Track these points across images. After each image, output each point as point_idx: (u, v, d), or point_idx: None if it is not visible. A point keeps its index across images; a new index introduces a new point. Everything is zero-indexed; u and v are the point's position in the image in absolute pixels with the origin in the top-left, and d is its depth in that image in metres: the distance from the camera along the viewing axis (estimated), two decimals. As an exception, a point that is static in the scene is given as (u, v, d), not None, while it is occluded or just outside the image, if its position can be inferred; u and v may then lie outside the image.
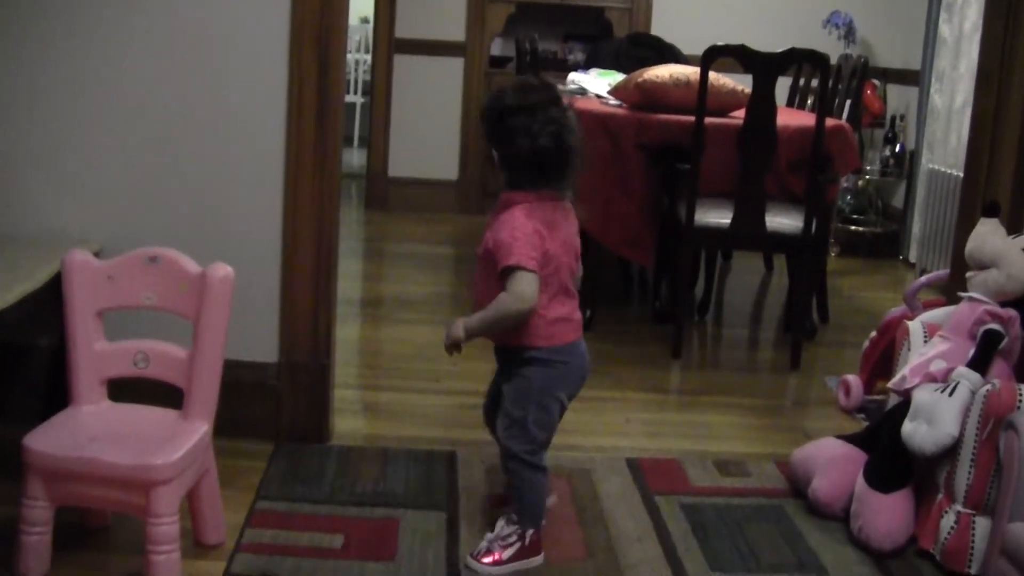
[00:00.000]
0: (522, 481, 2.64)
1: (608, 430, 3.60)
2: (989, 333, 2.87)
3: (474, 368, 4.13)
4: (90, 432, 2.47)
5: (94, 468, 2.35)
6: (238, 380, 3.11)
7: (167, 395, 2.58)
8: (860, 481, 2.91)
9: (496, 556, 2.64)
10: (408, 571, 2.60)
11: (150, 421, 2.56)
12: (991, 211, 3.11)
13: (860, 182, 7.02)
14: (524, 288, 2.54)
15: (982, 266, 3.01)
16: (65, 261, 2.58)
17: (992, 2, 3.56)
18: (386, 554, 2.67)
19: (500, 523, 2.69)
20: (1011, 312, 2.88)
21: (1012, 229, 3.19)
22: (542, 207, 2.61)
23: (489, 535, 2.68)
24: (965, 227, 3.37)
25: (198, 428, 2.51)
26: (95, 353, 2.59)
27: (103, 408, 2.60)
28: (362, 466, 3.16)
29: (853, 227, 6.93)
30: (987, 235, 3.04)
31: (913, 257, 6.56)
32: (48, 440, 2.41)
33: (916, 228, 6.55)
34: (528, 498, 2.66)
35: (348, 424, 3.46)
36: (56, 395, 2.68)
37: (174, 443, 2.42)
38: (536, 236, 2.56)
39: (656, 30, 7.16)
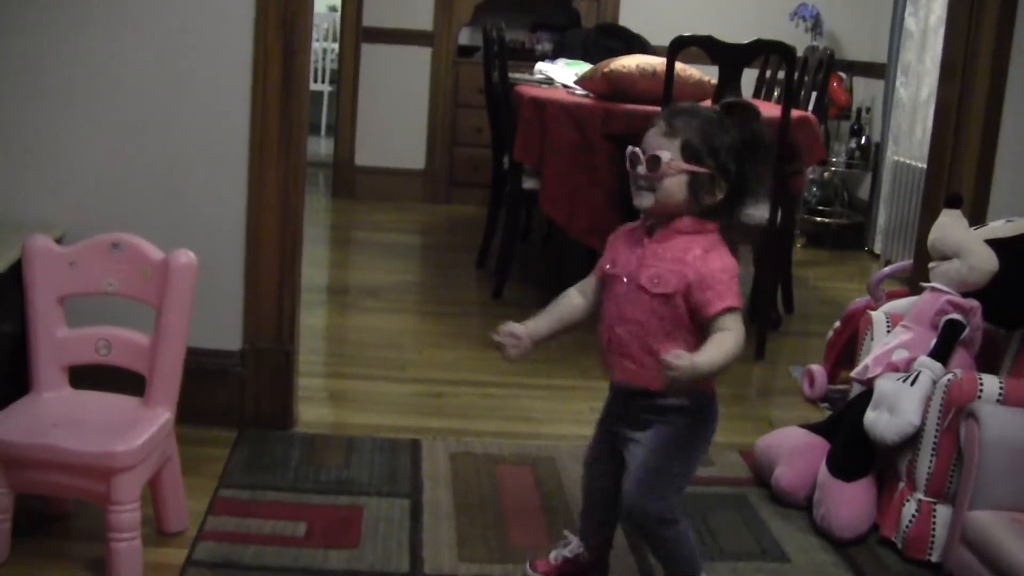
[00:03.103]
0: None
1: (572, 418, 3.60)
2: (951, 323, 2.89)
3: (438, 357, 4.15)
4: (51, 419, 2.46)
5: (55, 455, 2.33)
6: (202, 367, 3.10)
7: (129, 382, 2.56)
8: (823, 470, 2.93)
9: None
10: (371, 559, 2.59)
11: (111, 408, 2.54)
12: (953, 202, 3.12)
13: (826, 174, 7.05)
14: (743, 331, 2.20)
15: (944, 257, 3.02)
16: (26, 247, 2.56)
17: (956, -6, 3.58)
18: (349, 542, 2.66)
19: None
20: (972, 302, 2.90)
21: (974, 220, 3.21)
22: None
23: None
24: (928, 218, 3.39)
25: (160, 415, 2.49)
26: (56, 340, 2.57)
27: (64, 395, 2.59)
28: (326, 454, 3.15)
29: (819, 218, 6.96)
30: (949, 226, 3.05)
31: (878, 248, 6.60)
32: (9, 427, 2.39)
33: (881, 219, 6.58)
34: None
35: (313, 412, 3.45)
36: (17, 382, 2.66)
37: (136, 430, 2.40)
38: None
39: (624, 20, 7.18)
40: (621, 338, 2.27)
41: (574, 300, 2.40)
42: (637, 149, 2.23)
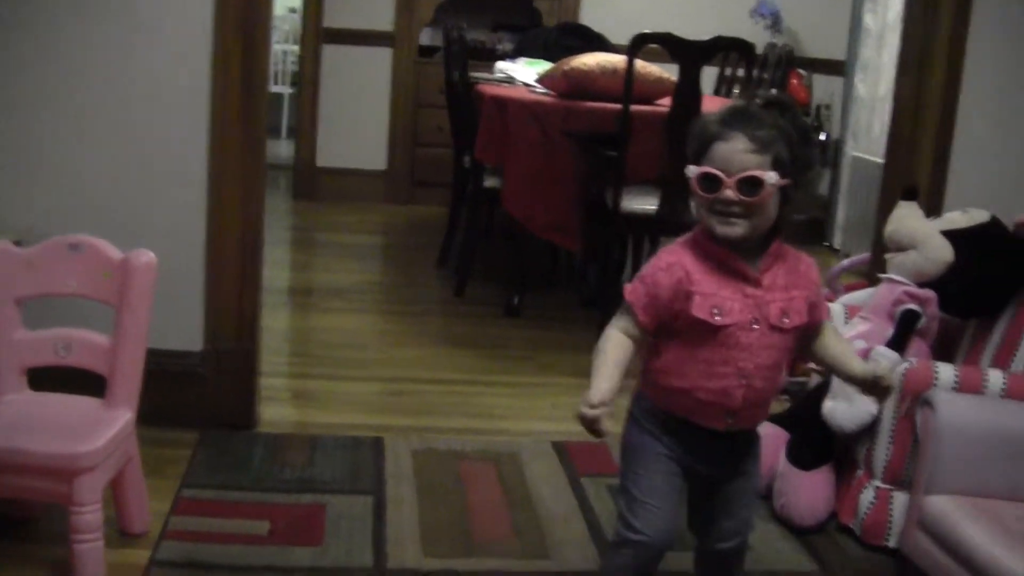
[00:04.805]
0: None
1: (535, 415, 3.62)
2: (907, 313, 2.92)
3: (401, 355, 4.16)
4: (11, 422, 2.44)
5: (16, 458, 2.32)
6: (163, 369, 3.09)
7: (90, 383, 2.55)
8: (782, 459, 2.96)
9: None
10: (335, 555, 2.60)
11: (72, 409, 2.53)
12: (910, 194, 3.16)
13: (786, 170, 7.08)
14: None
15: (901, 248, 3.05)
16: (-17, 249, 2.55)
17: (912, -9, 3.61)
18: (313, 539, 2.66)
19: None
20: (928, 293, 2.94)
21: (931, 212, 3.24)
22: None
23: None
24: (886, 211, 3.41)
25: (121, 416, 2.49)
26: (14, 342, 2.55)
27: (24, 397, 2.57)
28: (289, 453, 3.15)
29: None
30: (905, 217, 3.09)
31: (838, 243, 6.65)
32: (-32, 429, 2.38)
33: (841, 215, 6.63)
34: None
35: (276, 412, 3.45)
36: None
37: (97, 431, 2.40)
38: None
39: (585, 20, 7.20)
40: (759, 389, 2.07)
41: (628, 346, 2.07)
42: (717, 171, 1.98)
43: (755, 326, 2.02)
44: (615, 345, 2.07)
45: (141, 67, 3.11)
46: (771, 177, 1.96)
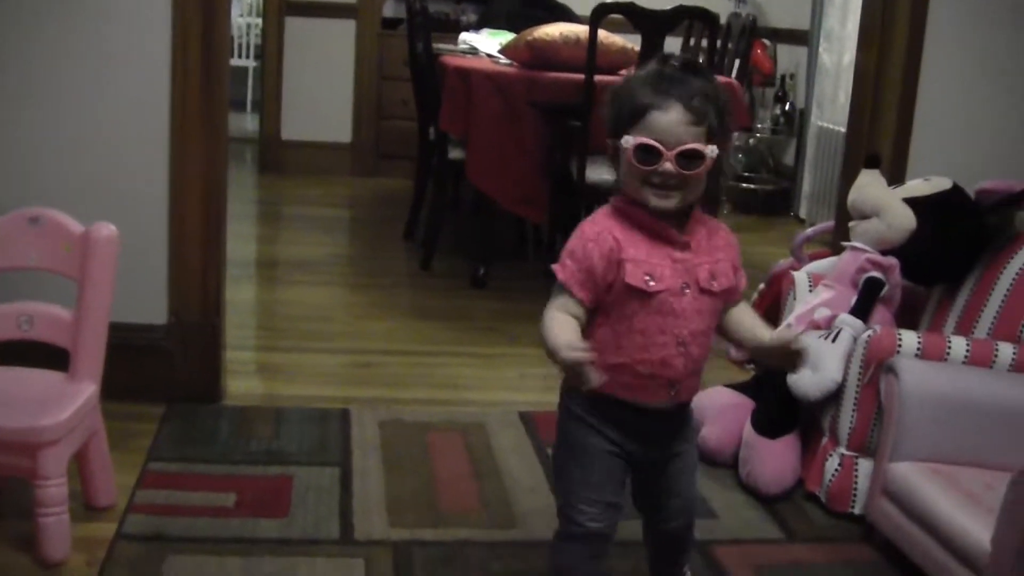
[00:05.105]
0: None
1: (502, 385, 3.62)
2: (870, 281, 2.93)
3: (368, 327, 4.15)
4: (-27, 396, 2.43)
5: (-22, 432, 2.32)
6: (127, 343, 3.06)
7: (53, 357, 2.53)
8: (748, 428, 2.97)
9: None
10: (302, 527, 2.60)
11: (35, 383, 2.51)
12: (872, 163, 3.17)
13: (752, 140, 7.10)
14: None
15: (863, 216, 3.07)
16: (-58, 223, 2.53)
17: (873, -41, 3.61)
18: (279, 511, 2.66)
19: None
20: (892, 260, 2.95)
21: (893, 180, 3.26)
22: None
23: None
24: (849, 180, 3.43)
25: (85, 389, 2.47)
26: (-24, 316, 2.54)
27: (-14, 371, 2.56)
28: (256, 425, 3.15)
29: (745, 185, 7.01)
30: (868, 186, 3.10)
31: (803, 213, 6.67)
32: (-70, 404, 2.36)
33: (806, 184, 6.65)
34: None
35: (242, 385, 3.44)
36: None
37: (61, 404, 2.38)
38: None
39: (549, -10, 7.16)
40: (696, 356, 2.04)
41: (573, 323, 1.98)
42: (656, 144, 1.93)
43: (686, 291, 1.99)
44: (561, 320, 1.97)
45: (100, 42, 3.08)
46: (711, 151, 1.94)
